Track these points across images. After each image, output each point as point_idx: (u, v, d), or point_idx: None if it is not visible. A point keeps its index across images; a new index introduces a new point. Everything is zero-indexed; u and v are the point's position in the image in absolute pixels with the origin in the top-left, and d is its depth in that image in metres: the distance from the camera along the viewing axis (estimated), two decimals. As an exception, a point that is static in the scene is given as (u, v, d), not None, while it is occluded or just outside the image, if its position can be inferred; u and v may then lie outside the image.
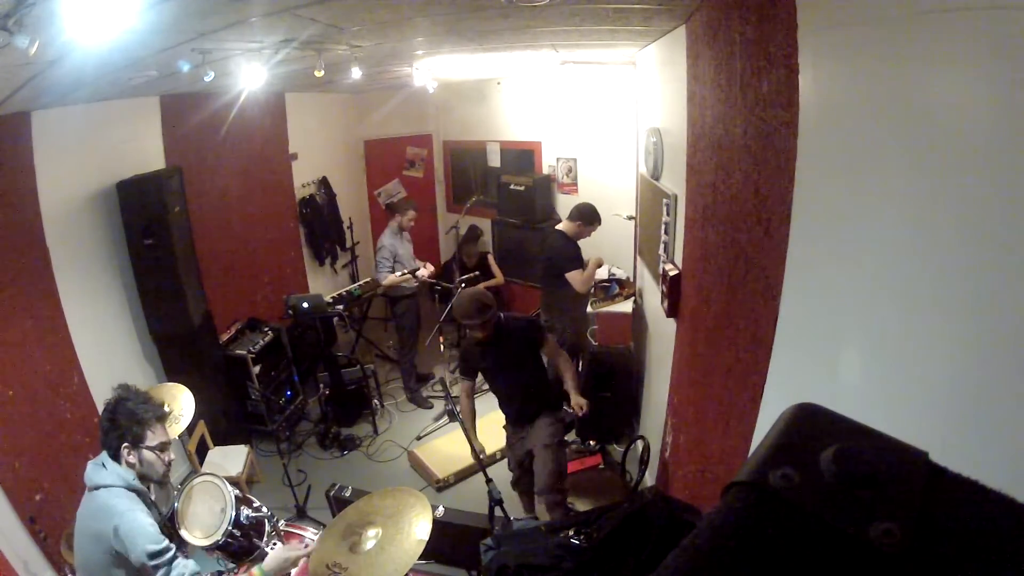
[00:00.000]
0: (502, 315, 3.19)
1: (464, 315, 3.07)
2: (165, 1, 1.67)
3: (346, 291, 5.03)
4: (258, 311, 5.07)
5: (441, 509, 2.90)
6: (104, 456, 1.97)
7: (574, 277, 4.17)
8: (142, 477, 2.01)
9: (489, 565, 2.06)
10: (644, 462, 3.47)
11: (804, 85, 1.37)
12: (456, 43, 3.39)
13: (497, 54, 4.06)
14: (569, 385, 3.21)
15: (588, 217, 4.28)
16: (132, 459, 1.97)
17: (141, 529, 1.86)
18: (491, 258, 6.00)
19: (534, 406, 3.24)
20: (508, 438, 3.43)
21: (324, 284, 6.17)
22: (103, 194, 3.64)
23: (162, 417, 2.07)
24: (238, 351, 4.39)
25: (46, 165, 3.21)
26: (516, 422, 3.34)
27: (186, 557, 2.45)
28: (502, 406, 3.39)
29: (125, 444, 1.95)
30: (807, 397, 0.45)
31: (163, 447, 2.05)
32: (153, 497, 2.11)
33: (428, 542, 2.01)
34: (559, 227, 4.39)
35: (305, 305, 4.54)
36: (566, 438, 4.05)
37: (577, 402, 3.14)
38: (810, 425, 0.41)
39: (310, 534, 2.63)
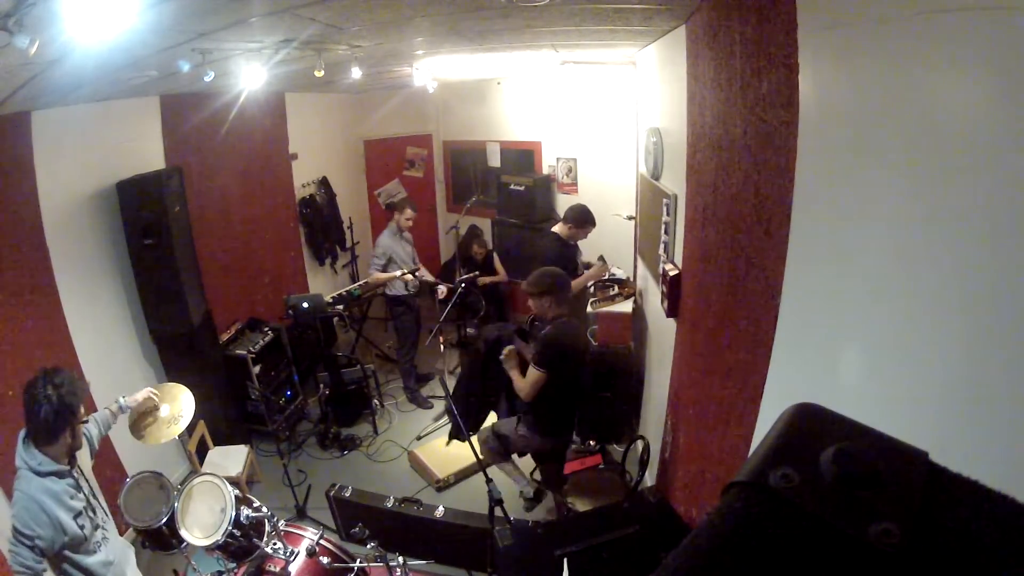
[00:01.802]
0: (556, 321, 3.10)
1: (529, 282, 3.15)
2: (165, 1, 1.67)
3: (346, 291, 5.02)
4: (258, 311, 5.07)
5: (441, 509, 2.90)
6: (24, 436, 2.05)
7: None
8: (68, 450, 2.10)
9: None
10: (644, 462, 3.47)
11: (804, 85, 1.37)
12: (456, 43, 3.39)
13: (497, 54, 4.06)
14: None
15: (580, 220, 4.27)
16: (70, 438, 2.07)
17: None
18: (496, 256, 6.03)
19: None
20: None
21: (324, 284, 6.17)
22: (103, 194, 3.64)
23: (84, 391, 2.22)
24: (238, 351, 4.39)
25: (46, 165, 3.21)
26: None
27: (185, 555, 2.46)
28: None
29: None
30: (807, 397, 0.45)
31: (87, 421, 2.23)
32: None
33: (428, 542, 2.02)
34: (554, 229, 4.39)
35: (305, 305, 4.54)
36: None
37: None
38: (810, 425, 0.41)
39: (310, 534, 2.64)
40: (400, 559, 2.54)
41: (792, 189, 1.43)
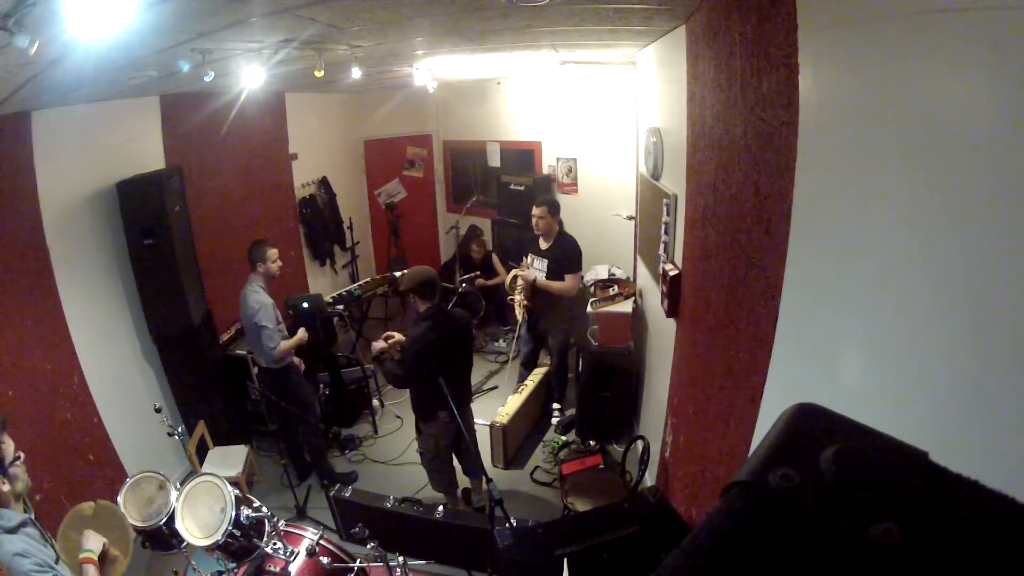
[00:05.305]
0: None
1: None
2: (165, 1, 1.67)
3: (346, 291, 5.02)
4: (258, 311, 5.06)
5: (441, 509, 2.90)
6: None
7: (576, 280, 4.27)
8: (16, 496, 1.86)
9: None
10: (644, 462, 3.47)
11: (804, 85, 1.37)
12: (456, 43, 3.39)
13: (497, 54, 4.05)
14: None
15: (557, 207, 4.44)
16: (5, 485, 1.81)
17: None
18: (495, 257, 6.00)
19: None
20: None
21: (324, 284, 6.17)
22: (103, 194, 3.64)
23: (5, 424, 1.92)
24: (238, 351, 4.39)
25: (46, 165, 3.21)
26: None
27: (185, 555, 2.45)
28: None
29: None
30: (807, 397, 0.44)
31: (19, 457, 1.92)
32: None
33: (428, 542, 2.01)
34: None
35: (305, 305, 4.54)
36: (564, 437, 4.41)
37: None
38: (810, 425, 0.41)
39: (310, 534, 2.64)
40: (400, 559, 2.54)
41: (792, 189, 1.44)
